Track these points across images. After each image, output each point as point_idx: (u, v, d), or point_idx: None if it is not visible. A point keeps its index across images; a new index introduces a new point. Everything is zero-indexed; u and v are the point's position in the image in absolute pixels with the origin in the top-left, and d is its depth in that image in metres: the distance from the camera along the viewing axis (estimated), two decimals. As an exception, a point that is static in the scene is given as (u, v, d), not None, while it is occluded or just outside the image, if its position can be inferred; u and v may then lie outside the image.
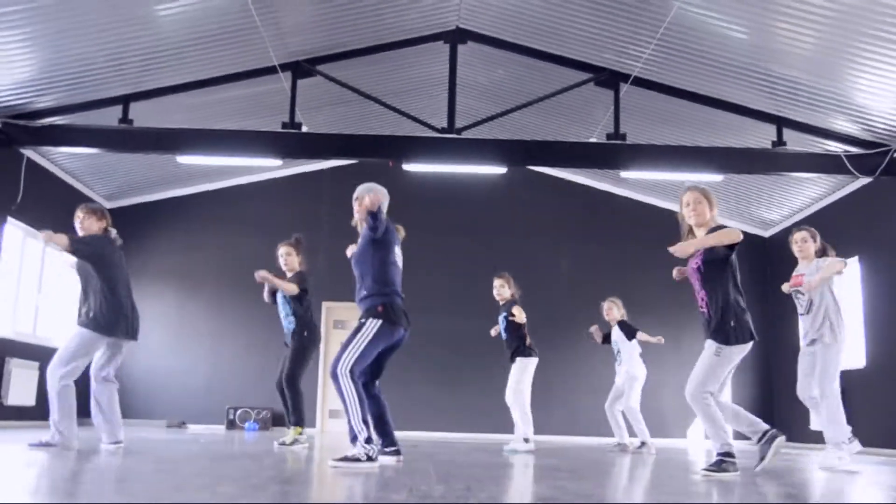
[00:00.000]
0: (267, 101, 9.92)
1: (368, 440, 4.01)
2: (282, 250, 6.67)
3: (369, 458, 3.92)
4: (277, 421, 11.68)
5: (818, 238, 5.80)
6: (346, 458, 3.89)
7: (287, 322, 6.48)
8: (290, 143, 9.27)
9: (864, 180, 9.49)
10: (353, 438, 4.00)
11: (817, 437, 10.43)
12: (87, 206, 5.62)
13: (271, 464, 4.06)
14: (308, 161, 12.41)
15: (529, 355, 6.95)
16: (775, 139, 9.14)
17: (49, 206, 10.40)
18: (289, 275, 6.62)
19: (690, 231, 4.33)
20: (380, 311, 4.28)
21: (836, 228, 10.55)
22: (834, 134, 9.11)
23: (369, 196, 4.47)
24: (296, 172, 12.69)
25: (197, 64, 8.83)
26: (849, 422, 5.64)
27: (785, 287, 5.76)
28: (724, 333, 4.07)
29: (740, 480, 3.72)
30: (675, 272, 4.48)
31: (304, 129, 9.26)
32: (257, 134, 9.37)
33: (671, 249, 4.13)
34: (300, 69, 9.24)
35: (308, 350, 6.40)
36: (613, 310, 7.91)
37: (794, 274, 5.73)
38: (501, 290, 7.12)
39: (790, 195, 11.21)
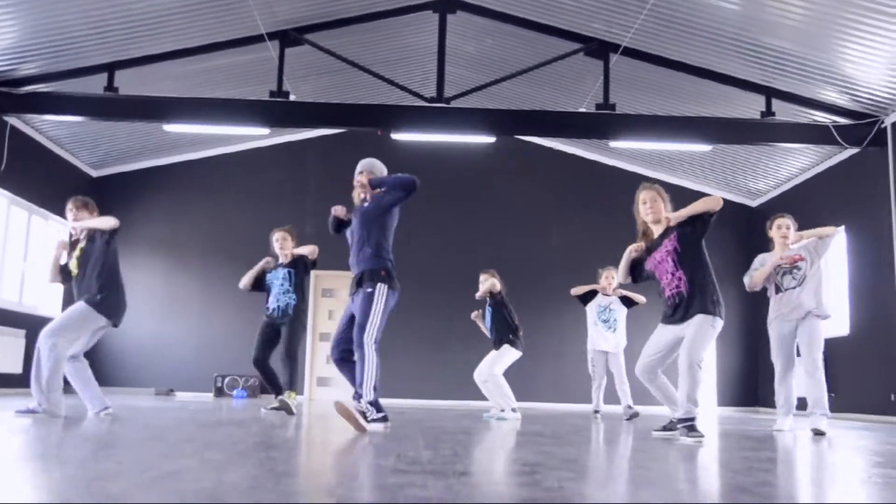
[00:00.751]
0: (255, 70, 9.81)
1: (376, 404, 4.42)
2: (277, 235, 6.72)
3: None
4: (265, 388, 11.74)
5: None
6: (365, 416, 4.28)
7: (285, 297, 6.47)
8: (277, 111, 9.20)
9: (852, 151, 9.52)
10: (360, 397, 4.42)
11: (800, 404, 10.58)
12: (79, 198, 5.62)
13: (258, 430, 4.08)
14: (296, 130, 12.32)
15: (517, 347, 6.90)
16: (764, 109, 9.14)
17: (34, 174, 10.30)
18: (282, 259, 6.65)
19: (645, 229, 4.53)
20: (383, 275, 4.60)
21: (823, 198, 10.61)
22: (822, 105, 9.11)
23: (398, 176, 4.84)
24: (283, 141, 12.60)
25: (183, 31, 8.71)
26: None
27: (770, 267, 5.67)
28: (714, 307, 4.19)
29: (733, 446, 3.77)
30: (634, 248, 4.57)
31: (292, 97, 9.19)
32: (245, 102, 9.28)
33: (671, 216, 4.30)
34: (288, 38, 9.13)
35: (305, 324, 6.60)
36: (613, 279, 7.62)
37: (778, 256, 5.70)
38: (481, 285, 7.03)
39: (778, 165, 11.23)
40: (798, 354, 5.63)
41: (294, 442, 3.49)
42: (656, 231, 4.45)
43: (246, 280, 6.82)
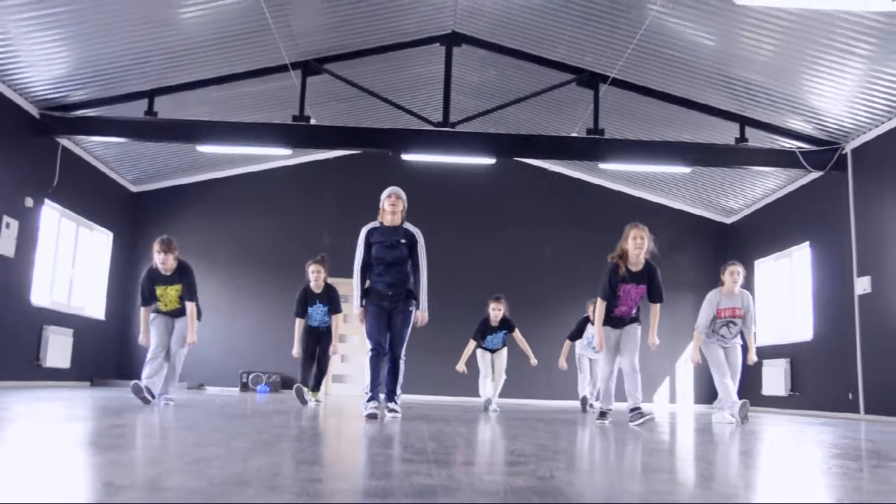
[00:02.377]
0: (279, 96, 9.87)
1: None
2: (312, 268, 6.94)
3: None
4: (286, 384, 11.73)
5: None
6: (397, 412, 4.90)
7: (325, 320, 7.01)
8: (299, 134, 9.24)
9: (816, 174, 9.53)
10: (396, 398, 4.98)
11: (767, 402, 10.53)
12: (165, 241, 5.88)
13: (280, 422, 4.09)
14: (315, 151, 12.36)
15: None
16: (738, 136, 9.15)
17: (81, 189, 10.35)
18: (317, 291, 6.98)
19: (622, 254, 5.04)
20: (415, 303, 4.98)
21: (791, 217, 10.60)
22: (790, 132, 9.13)
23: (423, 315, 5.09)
24: (304, 161, 12.65)
25: (216, 62, 8.77)
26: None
27: (709, 324, 6.10)
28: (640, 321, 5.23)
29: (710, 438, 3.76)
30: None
31: (313, 121, 9.23)
32: (270, 126, 9.33)
33: (653, 342, 5.33)
34: (309, 67, 9.19)
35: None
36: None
37: (722, 306, 6.02)
38: (499, 313, 7.29)
39: (751, 186, 11.24)
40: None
41: (312, 433, 3.49)
42: (637, 265, 5.04)
43: (296, 343, 7.12)
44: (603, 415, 5.20)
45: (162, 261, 5.74)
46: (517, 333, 7.36)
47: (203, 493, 1.53)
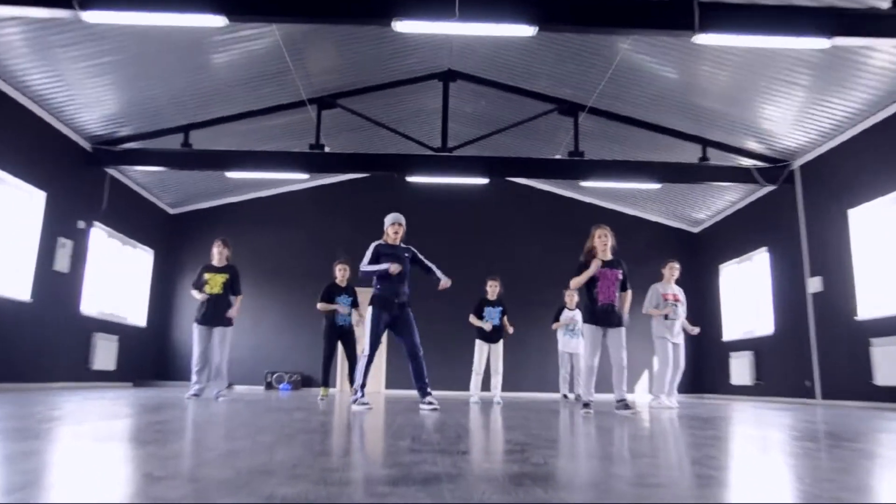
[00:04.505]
0: (297, 128, 9.88)
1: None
2: (339, 266, 7.30)
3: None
4: (306, 382, 11.66)
5: None
6: (432, 403, 4.94)
7: (347, 319, 7.29)
8: (315, 160, 9.25)
9: (770, 188, 9.52)
10: (428, 391, 5.05)
11: (735, 390, 10.46)
12: (223, 240, 6.48)
13: (301, 417, 4.04)
14: (329, 175, 12.37)
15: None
16: (701, 155, 9.15)
17: (126, 212, 10.35)
18: (342, 285, 7.29)
19: (590, 250, 5.12)
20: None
21: (750, 225, 10.58)
22: (746, 151, 9.13)
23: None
24: (320, 184, 12.65)
25: (243, 99, 8.79)
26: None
27: (659, 310, 6.74)
28: (623, 324, 5.15)
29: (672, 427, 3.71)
30: (595, 267, 5.07)
31: (327, 149, 9.23)
32: (289, 154, 9.34)
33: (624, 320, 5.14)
34: (324, 102, 9.20)
35: None
36: (574, 296, 8.32)
37: (665, 291, 6.82)
38: (496, 289, 7.30)
39: (714, 199, 11.23)
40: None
41: (328, 427, 3.45)
42: (607, 257, 5.11)
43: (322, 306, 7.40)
44: (586, 406, 5.11)
45: (218, 251, 6.34)
46: (507, 325, 7.31)
47: (232, 483, 1.50)
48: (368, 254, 5.18)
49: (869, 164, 7.57)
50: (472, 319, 7.23)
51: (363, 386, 5.08)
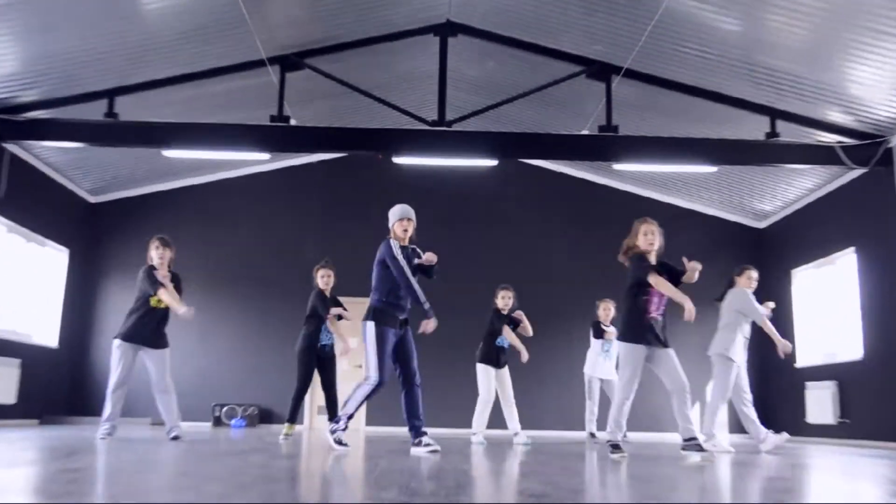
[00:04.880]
0: (255, 95, 9.88)
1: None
2: (322, 272, 7.52)
3: None
4: (264, 417, 11.65)
5: None
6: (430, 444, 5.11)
7: (330, 336, 7.50)
8: (278, 136, 9.24)
9: (859, 171, 9.51)
10: (424, 430, 5.23)
11: (813, 431, 10.47)
12: (163, 240, 6.74)
13: (259, 461, 4.03)
14: (297, 154, 12.37)
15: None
16: (769, 130, 9.15)
17: (32, 201, 10.32)
18: (327, 291, 7.52)
19: (630, 250, 5.18)
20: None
21: (832, 219, 10.58)
22: (828, 125, 9.13)
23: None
24: (284, 166, 12.65)
25: (184, 58, 8.77)
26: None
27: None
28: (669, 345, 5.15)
29: (737, 473, 3.71)
30: (694, 268, 5.13)
31: (293, 122, 9.23)
32: (245, 127, 9.32)
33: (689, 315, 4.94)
34: (288, 62, 9.20)
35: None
36: (611, 310, 8.51)
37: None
38: (510, 301, 7.47)
39: (785, 186, 11.23)
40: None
41: (294, 474, 3.44)
42: (651, 259, 5.15)
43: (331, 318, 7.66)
44: (616, 447, 5.10)
45: (159, 255, 6.59)
46: (518, 314, 7.47)
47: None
48: (399, 258, 5.17)
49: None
50: (507, 334, 7.45)
51: (350, 418, 5.21)
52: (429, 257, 5.31)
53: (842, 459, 5.38)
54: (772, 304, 7.16)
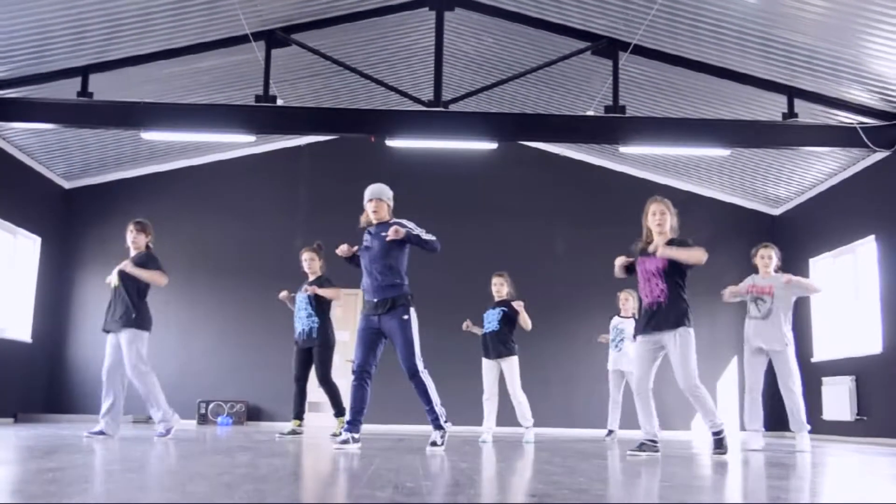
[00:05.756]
0: (239, 73, 9.85)
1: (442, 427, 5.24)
2: (305, 255, 7.66)
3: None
4: (252, 415, 11.67)
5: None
6: (437, 444, 5.12)
7: (309, 321, 7.44)
8: (263, 117, 9.21)
9: (882, 154, 9.52)
10: (440, 424, 5.21)
11: (829, 428, 10.53)
12: (139, 222, 6.86)
13: (246, 460, 4.05)
14: (284, 136, 12.33)
15: (516, 353, 7.38)
16: (786, 111, 9.15)
17: (2, 187, 10.30)
18: (311, 277, 7.59)
19: (650, 233, 5.27)
20: (410, 298, 5.32)
21: (851, 205, 10.60)
22: (849, 105, 9.12)
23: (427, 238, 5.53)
24: (271, 149, 12.63)
25: (163, 32, 8.73)
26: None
27: (729, 294, 6.82)
28: (688, 317, 5.07)
29: (755, 473, 3.75)
30: (623, 260, 5.33)
31: (280, 102, 9.20)
32: (228, 108, 9.32)
33: (660, 248, 5.05)
34: (274, 38, 9.16)
35: (333, 346, 7.57)
36: (630, 301, 8.59)
37: (751, 284, 6.78)
38: (501, 288, 7.39)
39: (802, 170, 11.24)
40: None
41: (283, 473, 3.46)
42: (660, 240, 5.16)
43: (286, 298, 7.80)
44: (642, 445, 5.10)
45: (132, 238, 6.72)
46: (517, 305, 7.23)
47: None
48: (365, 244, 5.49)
49: None
50: (469, 326, 7.55)
51: (354, 414, 5.28)
52: (390, 233, 5.26)
53: (860, 459, 5.41)
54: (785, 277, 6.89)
